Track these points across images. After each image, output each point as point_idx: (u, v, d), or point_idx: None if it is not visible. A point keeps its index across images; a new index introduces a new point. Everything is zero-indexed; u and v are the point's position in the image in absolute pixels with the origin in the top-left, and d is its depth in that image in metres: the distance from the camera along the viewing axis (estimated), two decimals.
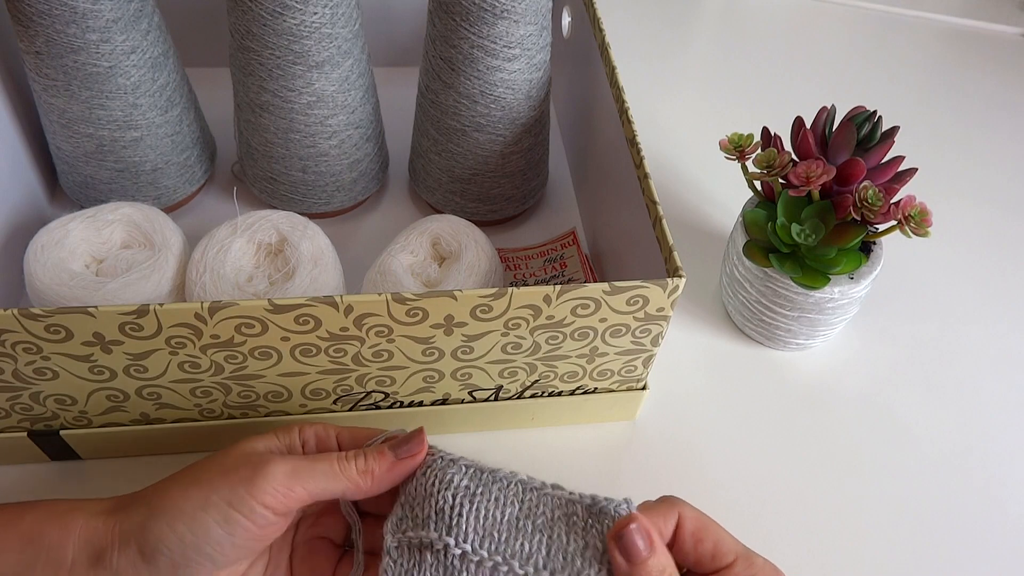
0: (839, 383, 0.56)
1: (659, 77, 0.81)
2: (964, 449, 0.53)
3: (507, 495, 0.35)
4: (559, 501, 0.35)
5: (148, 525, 0.34)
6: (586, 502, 0.35)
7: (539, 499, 0.35)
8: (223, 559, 0.34)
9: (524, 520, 0.34)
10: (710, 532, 0.36)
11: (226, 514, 0.33)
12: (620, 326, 0.43)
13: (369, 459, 0.36)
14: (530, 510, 0.35)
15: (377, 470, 0.35)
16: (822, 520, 0.49)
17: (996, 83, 0.84)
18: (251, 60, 0.52)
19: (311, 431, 0.39)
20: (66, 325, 0.37)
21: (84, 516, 0.35)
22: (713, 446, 0.52)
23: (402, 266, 0.51)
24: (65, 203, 0.60)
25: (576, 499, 0.35)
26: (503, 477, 0.36)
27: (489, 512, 0.34)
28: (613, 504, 0.34)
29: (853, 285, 0.51)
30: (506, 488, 0.35)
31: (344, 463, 0.35)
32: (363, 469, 0.35)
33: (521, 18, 0.50)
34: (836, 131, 0.50)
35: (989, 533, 0.49)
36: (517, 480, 0.35)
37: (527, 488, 0.35)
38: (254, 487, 0.33)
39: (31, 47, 0.50)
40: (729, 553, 0.35)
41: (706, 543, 0.35)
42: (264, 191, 0.59)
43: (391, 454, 0.36)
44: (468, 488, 0.35)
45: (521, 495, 0.35)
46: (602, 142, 0.56)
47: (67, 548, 0.34)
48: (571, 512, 0.35)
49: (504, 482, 0.35)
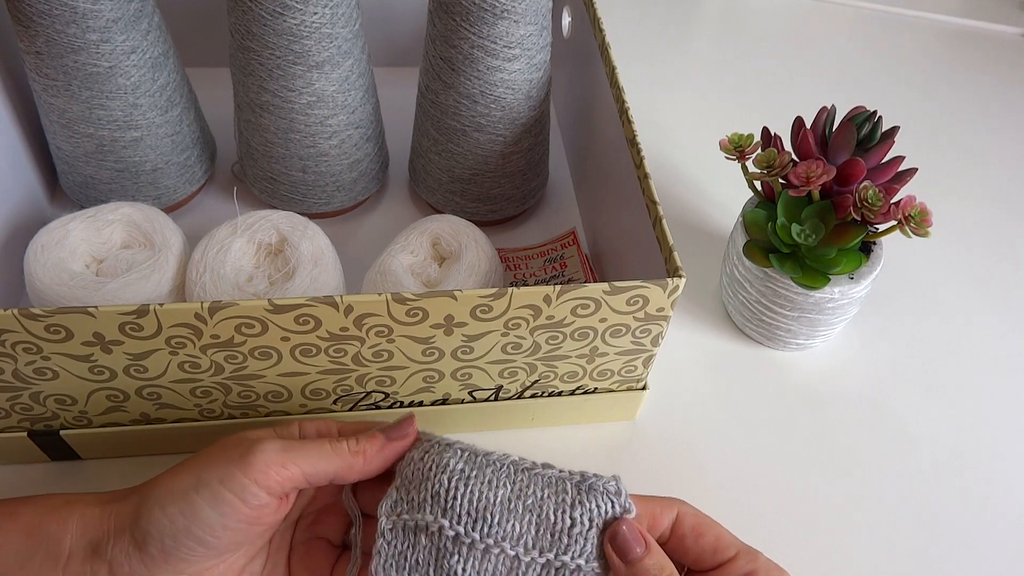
0: (839, 383, 0.56)
1: (659, 77, 0.81)
2: (964, 449, 0.53)
3: (499, 477, 0.36)
4: (549, 480, 0.36)
5: (140, 512, 0.34)
6: (575, 479, 0.36)
7: (530, 479, 0.36)
8: (215, 542, 0.34)
9: (515, 500, 0.35)
10: (710, 528, 0.36)
11: (217, 492, 0.33)
12: (620, 326, 0.43)
13: (361, 440, 0.36)
14: (521, 490, 0.35)
15: (369, 450, 0.36)
16: (822, 520, 0.49)
17: (996, 83, 0.84)
18: (251, 60, 0.52)
19: (312, 426, 0.39)
20: (66, 325, 0.37)
21: (81, 508, 0.35)
22: (713, 446, 0.52)
23: (402, 266, 0.51)
24: (65, 203, 0.60)
25: (566, 476, 0.36)
26: (496, 460, 0.36)
27: (482, 494, 0.35)
28: (602, 481, 0.35)
29: (853, 285, 0.51)
30: (499, 470, 0.36)
31: (336, 443, 0.36)
32: (355, 449, 0.36)
33: (521, 18, 0.50)
34: (836, 131, 0.50)
35: (989, 533, 0.49)
36: (510, 462, 0.36)
37: (519, 469, 0.36)
38: (246, 464, 0.33)
39: (31, 47, 0.50)
40: (730, 548, 0.35)
41: (707, 537, 0.36)
42: (264, 191, 0.59)
43: (382, 436, 0.37)
44: (463, 471, 0.36)
45: (513, 476, 0.36)
46: (602, 142, 0.56)
47: (64, 540, 0.34)
48: (560, 490, 0.35)
49: (497, 464, 0.36)
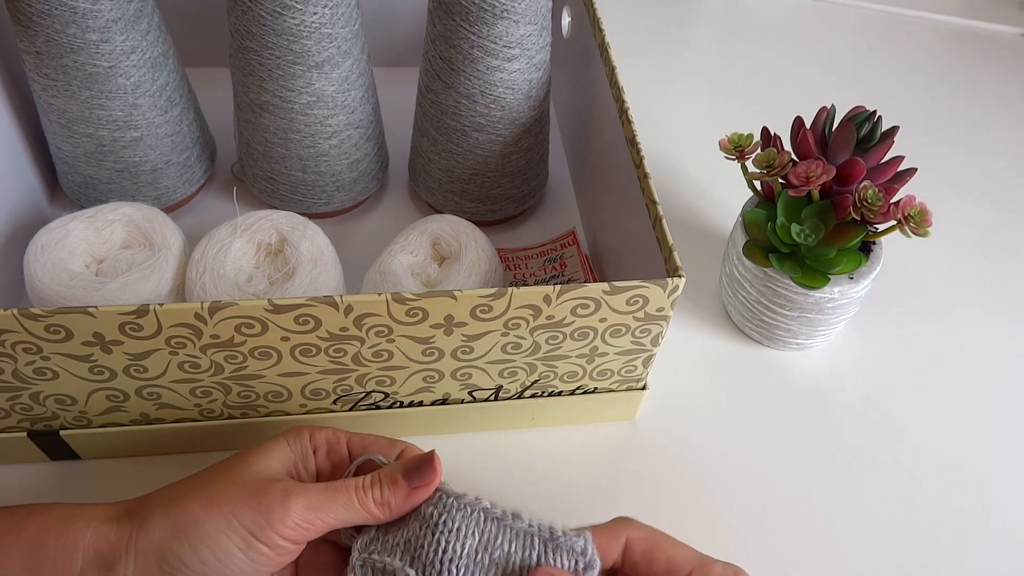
0: (839, 383, 0.56)
1: (659, 77, 0.81)
2: (964, 449, 0.53)
3: (468, 525, 0.35)
4: (517, 532, 0.35)
5: (171, 546, 0.34)
6: (544, 535, 0.35)
7: (499, 529, 0.35)
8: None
9: (482, 553, 0.34)
10: (661, 549, 0.35)
11: (248, 542, 0.34)
12: (620, 326, 0.43)
13: (385, 490, 0.36)
14: (488, 541, 0.35)
15: (394, 503, 0.36)
16: (821, 519, 0.49)
17: (996, 83, 0.84)
18: (251, 60, 0.52)
19: (321, 437, 0.39)
20: (66, 325, 0.37)
21: (94, 523, 0.35)
22: (713, 446, 0.52)
23: (402, 266, 0.51)
24: (65, 203, 0.60)
25: (535, 532, 0.35)
26: (467, 504, 0.36)
27: (450, 545, 0.34)
28: (569, 539, 0.35)
29: (853, 285, 0.51)
30: (468, 516, 0.35)
31: (362, 495, 0.36)
32: (380, 501, 0.36)
33: (521, 18, 0.50)
34: (836, 131, 0.50)
35: (989, 533, 0.49)
36: (480, 508, 0.36)
37: (488, 518, 0.35)
38: (275, 520, 0.34)
39: (31, 47, 0.50)
40: (683, 567, 0.35)
41: (658, 562, 0.35)
42: (264, 191, 0.59)
43: (405, 484, 0.36)
44: (432, 517, 0.35)
45: (482, 525, 0.35)
46: (602, 142, 0.56)
47: (75, 555, 0.34)
48: (528, 544, 0.35)
49: (468, 509, 0.36)
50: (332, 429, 0.40)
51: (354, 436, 0.40)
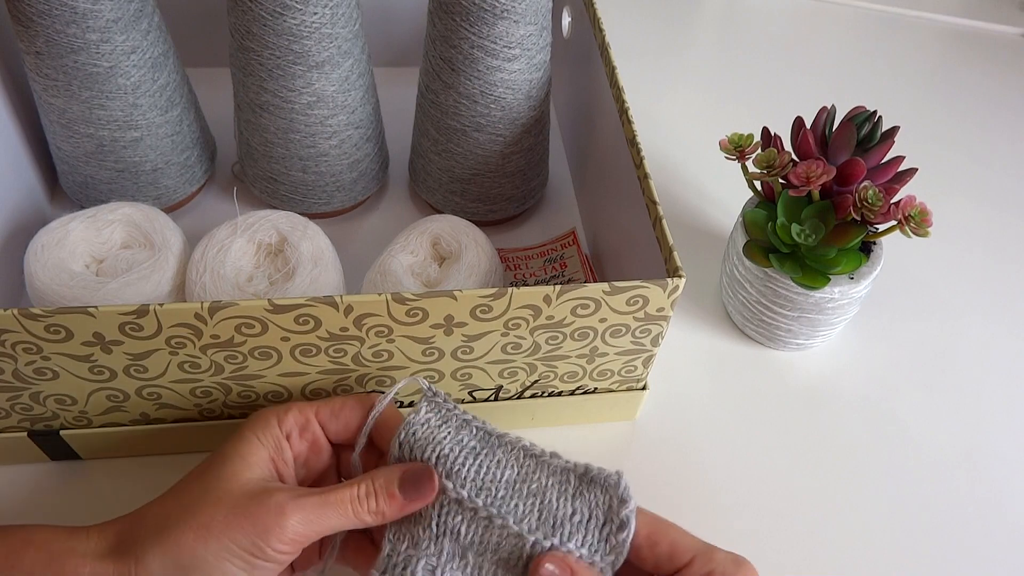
0: (839, 383, 0.56)
1: (659, 77, 0.81)
2: (964, 449, 0.53)
3: (508, 458, 0.37)
4: (554, 469, 0.37)
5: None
6: (579, 471, 0.36)
7: (537, 465, 0.37)
8: None
9: (520, 484, 0.36)
10: (665, 534, 0.36)
11: (249, 562, 0.34)
12: (620, 326, 0.43)
13: (381, 502, 0.36)
14: (527, 475, 0.36)
15: (388, 513, 0.36)
16: (821, 519, 0.49)
17: (996, 83, 0.84)
18: (251, 60, 0.52)
19: (290, 421, 0.39)
20: (66, 325, 0.37)
21: (88, 562, 0.34)
22: (713, 446, 0.52)
23: (402, 266, 0.51)
24: (65, 203, 0.60)
25: (571, 468, 0.37)
26: (508, 441, 0.38)
27: (489, 470, 0.36)
28: (604, 475, 0.36)
29: (853, 285, 0.51)
30: (509, 452, 0.37)
31: (358, 507, 0.36)
32: (375, 511, 0.36)
33: (521, 18, 0.50)
34: (836, 131, 0.50)
35: (989, 533, 0.49)
36: (520, 445, 0.37)
37: (528, 454, 0.37)
38: (272, 539, 0.34)
39: (31, 47, 0.50)
40: (686, 552, 0.35)
41: (661, 545, 0.35)
42: (264, 191, 0.59)
43: (401, 497, 0.36)
44: (474, 448, 0.37)
45: (521, 459, 0.37)
46: (602, 142, 0.56)
47: None
48: (564, 480, 0.36)
49: (508, 446, 0.37)
50: (297, 406, 0.39)
51: (321, 408, 0.39)
